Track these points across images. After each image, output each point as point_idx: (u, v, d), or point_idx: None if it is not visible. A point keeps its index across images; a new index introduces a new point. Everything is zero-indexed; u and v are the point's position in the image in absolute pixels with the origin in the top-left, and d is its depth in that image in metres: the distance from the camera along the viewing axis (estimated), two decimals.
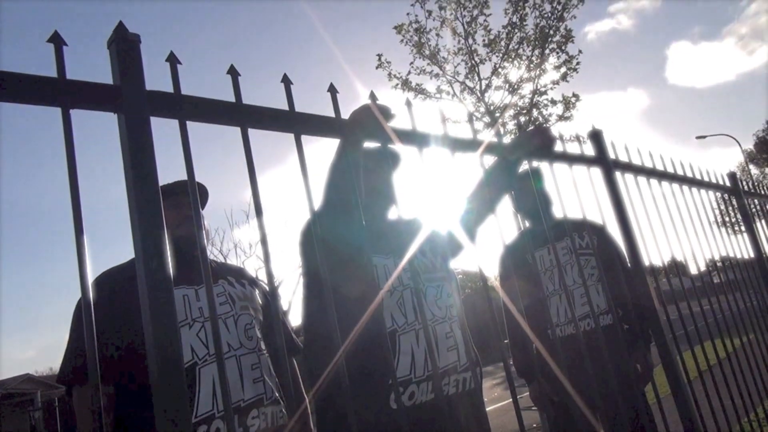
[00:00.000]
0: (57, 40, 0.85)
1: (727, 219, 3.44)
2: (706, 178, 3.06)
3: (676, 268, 2.31)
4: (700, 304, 2.29)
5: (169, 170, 1.43)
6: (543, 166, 2.31)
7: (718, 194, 3.31)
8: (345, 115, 1.23)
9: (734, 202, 3.52)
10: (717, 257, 2.86)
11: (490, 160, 1.68)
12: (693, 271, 2.51)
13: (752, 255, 3.47)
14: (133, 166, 0.85)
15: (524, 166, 1.84)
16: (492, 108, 11.78)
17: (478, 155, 1.53)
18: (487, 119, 11.74)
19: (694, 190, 2.85)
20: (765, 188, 4.22)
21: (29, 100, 0.82)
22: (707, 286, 2.59)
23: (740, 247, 3.27)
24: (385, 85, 12.49)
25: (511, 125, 11.13)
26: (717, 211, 3.31)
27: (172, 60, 0.98)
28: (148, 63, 0.91)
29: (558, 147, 1.81)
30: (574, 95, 11.61)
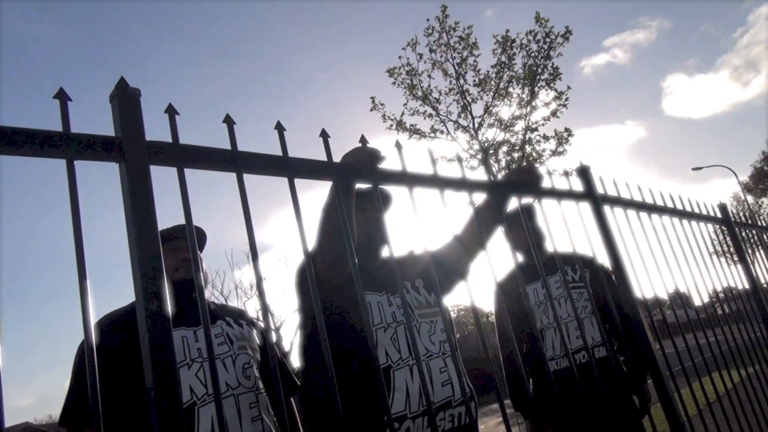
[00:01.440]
0: (62, 96, 0.90)
1: (724, 249, 3.48)
2: (696, 210, 3.10)
3: (679, 299, 2.34)
4: (695, 338, 2.30)
5: (169, 213, 1.48)
6: (534, 202, 2.36)
7: (710, 226, 3.35)
8: (337, 157, 1.28)
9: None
10: (713, 289, 2.89)
11: (480, 197, 1.73)
12: (690, 303, 2.54)
13: (747, 286, 3.49)
14: (133, 213, 0.89)
15: (516, 203, 1.88)
16: (486, 145, 11.95)
17: (467, 194, 1.57)
18: (481, 156, 11.89)
19: (685, 222, 2.90)
20: (760, 219, 4.26)
21: (36, 154, 0.87)
22: (710, 317, 2.61)
23: (735, 278, 3.30)
24: (380, 126, 12.70)
25: (504, 161, 11.27)
26: (714, 243, 3.34)
27: (171, 111, 1.03)
28: (149, 94, 0.96)
29: (547, 183, 1.86)
30: (566, 130, 11.82)
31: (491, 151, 11.65)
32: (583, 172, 2.19)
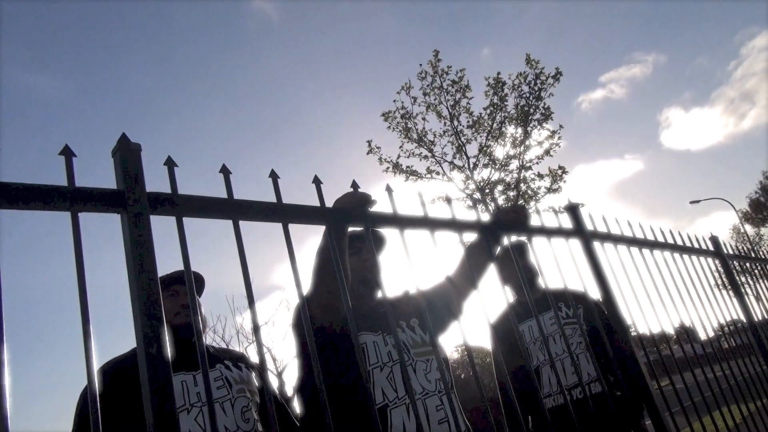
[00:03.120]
0: (67, 153, 0.96)
1: (725, 282, 3.49)
2: (688, 244, 3.14)
3: (677, 334, 2.35)
4: (693, 375, 2.29)
5: (170, 259, 1.52)
6: (526, 240, 2.40)
7: (710, 259, 3.38)
8: (331, 201, 1.34)
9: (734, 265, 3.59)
10: (716, 323, 2.89)
11: (471, 237, 1.78)
12: (690, 338, 2.54)
13: (742, 318, 3.50)
14: (134, 261, 0.94)
15: (511, 240, 1.93)
16: (482, 185, 12.08)
17: (458, 234, 1.62)
18: (477, 196, 12.00)
19: (685, 256, 2.94)
20: (759, 250, 4.28)
21: (43, 208, 0.92)
22: (708, 354, 2.61)
23: (732, 312, 3.31)
24: (377, 168, 12.86)
25: (501, 200, 11.37)
26: (715, 276, 3.35)
27: (170, 163, 1.09)
28: (148, 139, 1.02)
29: (537, 221, 1.92)
30: (560, 168, 11.98)
31: (487, 191, 11.77)
32: (572, 210, 2.24)
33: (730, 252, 3.70)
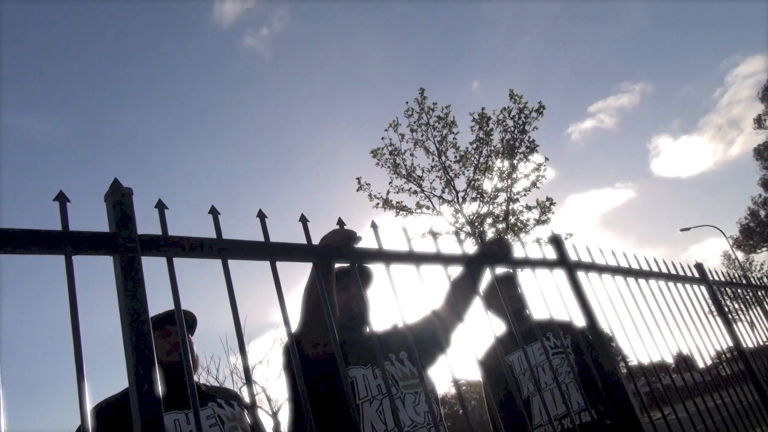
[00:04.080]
0: (62, 198, 1.00)
1: (709, 309, 3.52)
2: (673, 271, 3.19)
3: (684, 361, 2.37)
4: (684, 407, 2.29)
5: (163, 298, 1.55)
6: (512, 271, 2.44)
7: (689, 286, 3.42)
8: (316, 239, 1.38)
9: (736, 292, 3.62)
10: (699, 351, 2.91)
11: (456, 270, 1.82)
12: (684, 367, 2.55)
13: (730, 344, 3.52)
14: (126, 302, 0.97)
15: (498, 272, 1.97)
16: (472, 218, 12.17)
17: (443, 267, 1.66)
18: (467, 229, 12.08)
19: (662, 283, 2.98)
20: (746, 276, 4.32)
21: (38, 252, 0.95)
22: (707, 382, 2.61)
23: (718, 339, 3.34)
24: (368, 204, 12.95)
25: (490, 233, 11.45)
26: (700, 303, 3.38)
27: (160, 206, 1.13)
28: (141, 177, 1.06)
29: (521, 252, 1.96)
30: (548, 199, 12.12)
31: (477, 224, 11.86)
32: (556, 241, 2.29)
33: (716, 278, 3.75)
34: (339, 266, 1.70)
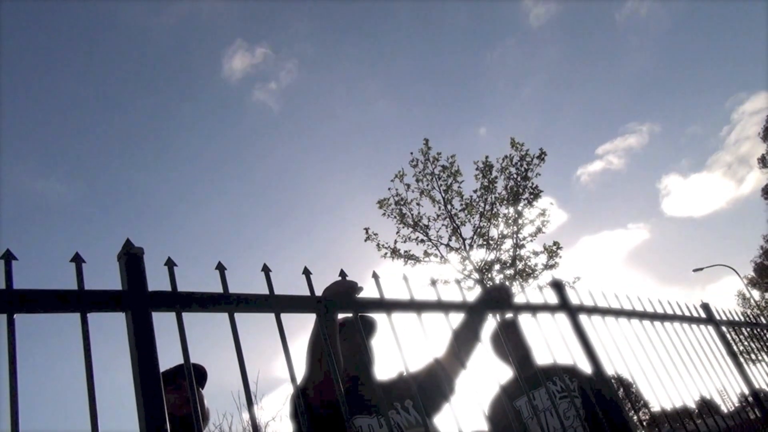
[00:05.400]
0: (77, 260, 1.06)
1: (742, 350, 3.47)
2: (678, 312, 3.19)
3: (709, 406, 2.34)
4: None
5: (178, 349, 1.59)
6: (518, 317, 2.47)
7: (695, 326, 3.41)
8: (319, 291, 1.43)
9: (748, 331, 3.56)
10: (723, 394, 2.88)
11: (458, 317, 1.86)
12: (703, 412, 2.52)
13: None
14: (137, 357, 1.02)
15: (502, 318, 2.01)
16: (479, 265, 12.18)
17: (444, 315, 1.70)
18: (476, 276, 12.07)
19: (668, 324, 2.98)
20: (764, 316, 4.27)
21: (54, 311, 1.01)
22: (739, 426, 2.58)
23: (729, 381, 3.29)
24: (376, 253, 13.01)
25: (498, 279, 11.43)
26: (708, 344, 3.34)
27: (170, 263, 1.20)
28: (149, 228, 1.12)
29: (523, 298, 2.00)
30: (555, 244, 12.14)
31: (484, 270, 11.85)
32: (557, 285, 2.33)
33: (723, 318, 3.73)
34: (343, 316, 1.74)
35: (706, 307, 3.60)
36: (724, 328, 3.63)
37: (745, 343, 3.93)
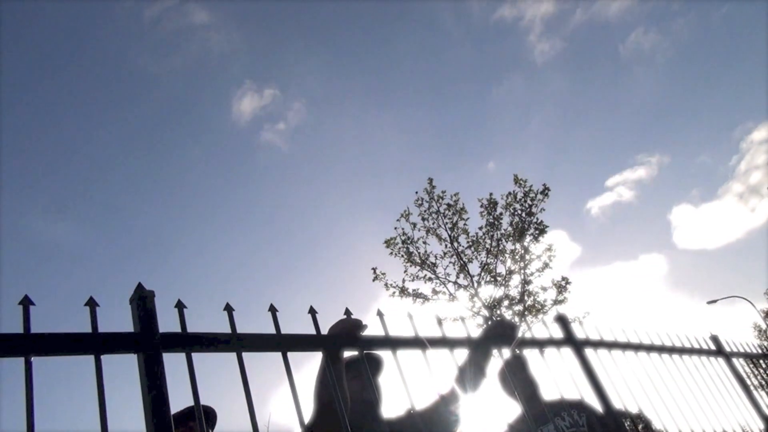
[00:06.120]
0: (92, 303, 1.11)
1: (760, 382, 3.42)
2: (687, 344, 3.18)
3: None
4: None
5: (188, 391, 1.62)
6: (526, 353, 2.48)
7: (704, 358, 3.38)
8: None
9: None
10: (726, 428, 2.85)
11: (462, 354, 1.87)
12: None
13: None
14: (149, 398, 1.05)
15: (510, 354, 2.02)
16: (488, 302, 12.12)
17: (449, 351, 1.72)
18: (485, 313, 11.99)
19: (677, 357, 2.97)
20: (765, 347, 4.23)
21: (68, 353, 1.05)
22: None
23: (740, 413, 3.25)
24: (383, 292, 12.99)
25: (508, 315, 11.36)
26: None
27: (180, 305, 1.24)
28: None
29: (527, 333, 2.02)
30: (564, 279, 12.09)
31: (493, 307, 11.79)
32: (561, 320, 2.35)
33: (734, 350, 3.70)
34: (350, 355, 1.77)
35: (715, 339, 3.57)
36: (735, 361, 3.60)
37: (761, 375, 3.88)
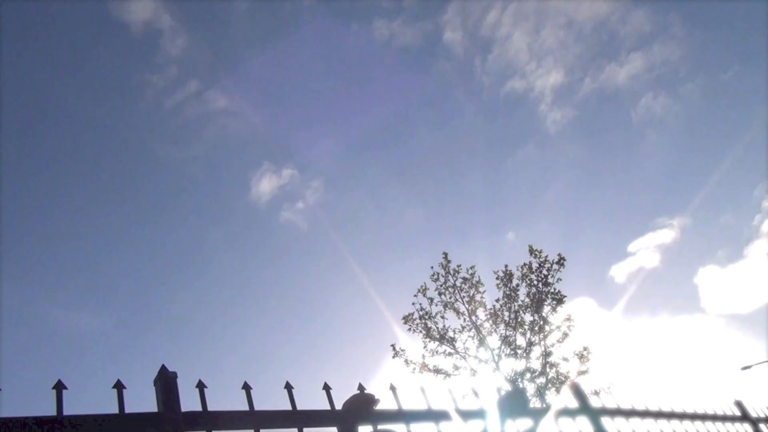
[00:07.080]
0: (119, 386, 1.19)
1: None
2: (710, 411, 3.13)
3: None
4: None
5: None
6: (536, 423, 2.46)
7: (730, 424, 3.32)
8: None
9: None
10: None
11: (478, 425, 1.90)
12: None
13: None
14: None
15: (523, 425, 2.03)
16: (511, 376, 11.86)
17: (463, 422, 1.76)
18: (507, 387, 11.70)
19: (699, 423, 2.93)
20: None
21: None
22: None
23: None
24: (404, 368, 12.79)
25: (531, 388, 11.08)
26: None
27: (200, 385, 1.31)
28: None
29: (541, 403, 2.04)
30: (585, 348, 11.84)
31: (516, 380, 11.52)
32: (576, 388, 2.36)
33: (760, 415, 3.62)
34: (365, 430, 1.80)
35: (740, 404, 3.51)
36: (763, 426, 3.52)
37: None
